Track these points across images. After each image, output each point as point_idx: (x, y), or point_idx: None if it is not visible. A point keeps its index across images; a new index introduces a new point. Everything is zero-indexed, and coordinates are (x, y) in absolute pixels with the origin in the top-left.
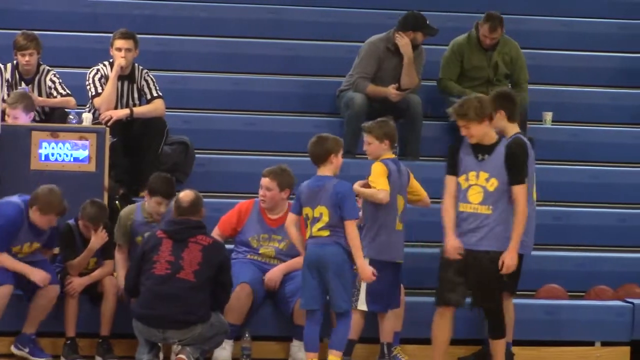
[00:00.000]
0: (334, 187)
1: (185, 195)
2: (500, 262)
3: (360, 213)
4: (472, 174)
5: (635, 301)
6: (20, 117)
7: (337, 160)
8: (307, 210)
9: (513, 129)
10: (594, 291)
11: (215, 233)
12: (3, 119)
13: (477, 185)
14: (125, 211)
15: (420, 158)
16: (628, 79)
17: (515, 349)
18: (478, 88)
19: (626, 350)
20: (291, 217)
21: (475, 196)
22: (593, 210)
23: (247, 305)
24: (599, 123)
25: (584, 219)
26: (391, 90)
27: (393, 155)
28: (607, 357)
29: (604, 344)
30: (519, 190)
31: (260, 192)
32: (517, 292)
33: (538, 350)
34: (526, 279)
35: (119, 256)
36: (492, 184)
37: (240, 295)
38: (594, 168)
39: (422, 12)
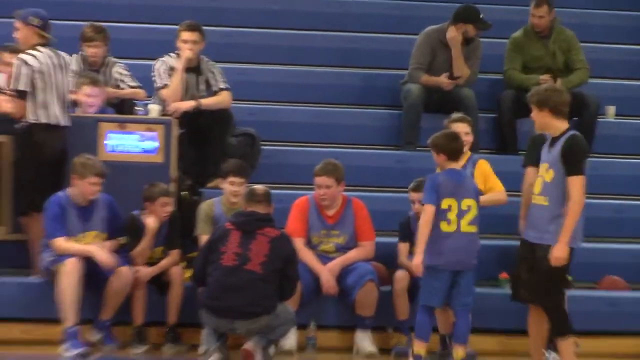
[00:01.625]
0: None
1: (258, 187)
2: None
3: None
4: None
5: None
6: (100, 95)
7: None
8: (450, 202)
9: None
10: None
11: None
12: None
13: (539, 176)
14: (206, 204)
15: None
16: None
17: (578, 340)
18: (540, 74)
19: None
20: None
21: (536, 187)
22: None
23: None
24: None
25: None
26: (443, 79)
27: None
28: None
29: None
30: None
31: (320, 191)
32: (579, 284)
33: (599, 340)
34: (587, 271)
35: None
36: (550, 175)
37: None
38: None
39: (478, 5)
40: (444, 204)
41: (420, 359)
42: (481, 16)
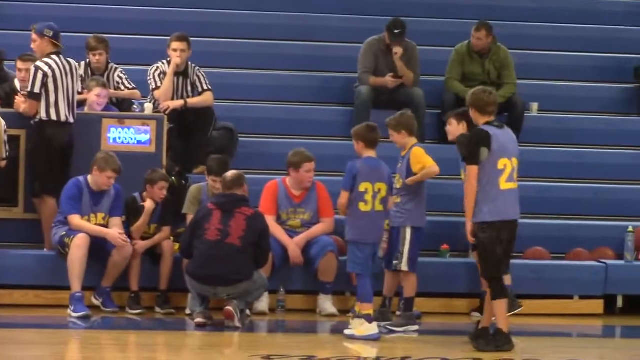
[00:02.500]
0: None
1: (230, 173)
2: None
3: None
4: None
5: (608, 262)
6: (106, 96)
7: None
8: (367, 185)
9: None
10: (573, 253)
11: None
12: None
13: None
14: (195, 188)
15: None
16: (603, 75)
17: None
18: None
19: (600, 302)
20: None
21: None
22: (572, 185)
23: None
24: (578, 112)
25: (565, 192)
26: (387, 79)
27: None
28: (584, 309)
29: (582, 297)
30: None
31: (310, 175)
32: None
33: (526, 303)
34: (515, 243)
35: None
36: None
37: None
38: (573, 150)
39: (415, 18)
40: (362, 187)
41: (369, 318)
42: (397, 31)
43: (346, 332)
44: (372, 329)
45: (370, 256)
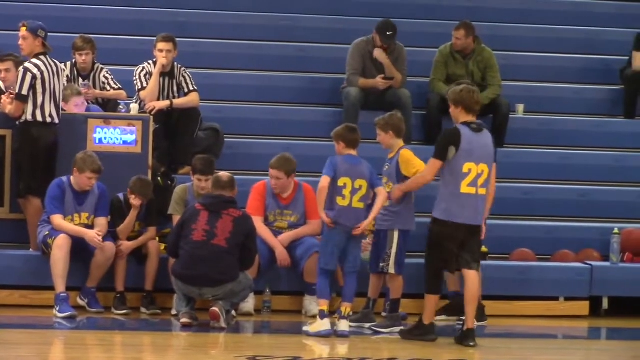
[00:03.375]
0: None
1: (223, 175)
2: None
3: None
4: None
5: (593, 263)
6: (79, 104)
7: None
8: (345, 180)
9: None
10: (558, 255)
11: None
12: (63, 109)
13: None
14: (180, 188)
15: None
16: (588, 77)
17: (491, 303)
18: None
19: (585, 304)
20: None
21: None
22: (558, 187)
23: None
24: (564, 113)
25: (550, 194)
26: (378, 80)
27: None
28: (569, 310)
29: (567, 299)
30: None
31: (272, 182)
32: (493, 255)
33: (511, 304)
34: (500, 244)
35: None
36: None
37: None
38: (559, 151)
39: (401, 20)
40: (341, 181)
41: (323, 314)
42: (389, 33)
43: (304, 328)
44: (324, 325)
45: (336, 248)
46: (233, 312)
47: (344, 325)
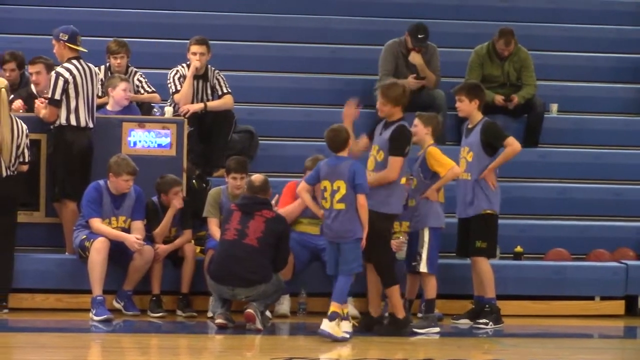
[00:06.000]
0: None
1: (257, 177)
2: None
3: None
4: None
5: (629, 262)
6: (127, 89)
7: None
8: (326, 184)
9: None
10: (593, 254)
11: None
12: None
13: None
14: (214, 191)
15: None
16: (621, 76)
17: (527, 303)
18: (495, 89)
19: (621, 303)
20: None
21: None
22: (592, 186)
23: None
24: (597, 112)
25: (585, 193)
26: (410, 80)
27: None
28: (605, 310)
29: (603, 298)
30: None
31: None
32: (529, 255)
33: (547, 304)
34: (536, 244)
35: (213, 228)
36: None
37: None
38: (593, 151)
39: (435, 20)
40: (322, 185)
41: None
42: (420, 36)
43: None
44: (344, 326)
45: (332, 254)
46: (269, 314)
47: (325, 325)
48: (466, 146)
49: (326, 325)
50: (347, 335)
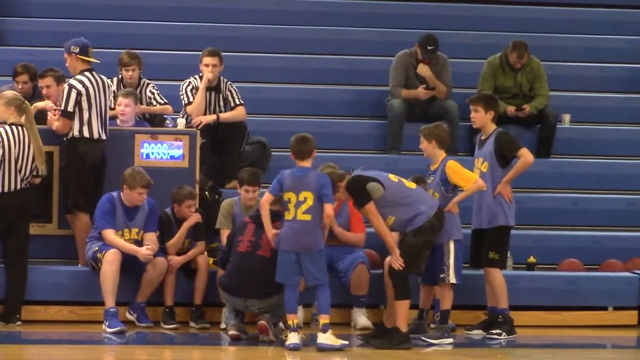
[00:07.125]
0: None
1: None
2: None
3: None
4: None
5: None
6: (131, 106)
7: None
8: (290, 195)
9: None
10: (606, 264)
11: None
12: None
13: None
14: (227, 202)
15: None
16: (633, 86)
17: (540, 313)
18: (507, 100)
19: (634, 313)
20: None
21: None
22: (605, 196)
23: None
24: (609, 123)
25: (597, 203)
26: (420, 90)
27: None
28: (618, 320)
29: (616, 308)
30: None
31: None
32: (541, 265)
33: (560, 314)
34: (548, 255)
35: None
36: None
37: None
38: (605, 161)
39: (445, 31)
40: (286, 196)
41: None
42: (430, 47)
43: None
44: (291, 338)
45: (291, 266)
46: (282, 325)
47: (321, 337)
48: (480, 157)
49: (322, 338)
50: (346, 342)
